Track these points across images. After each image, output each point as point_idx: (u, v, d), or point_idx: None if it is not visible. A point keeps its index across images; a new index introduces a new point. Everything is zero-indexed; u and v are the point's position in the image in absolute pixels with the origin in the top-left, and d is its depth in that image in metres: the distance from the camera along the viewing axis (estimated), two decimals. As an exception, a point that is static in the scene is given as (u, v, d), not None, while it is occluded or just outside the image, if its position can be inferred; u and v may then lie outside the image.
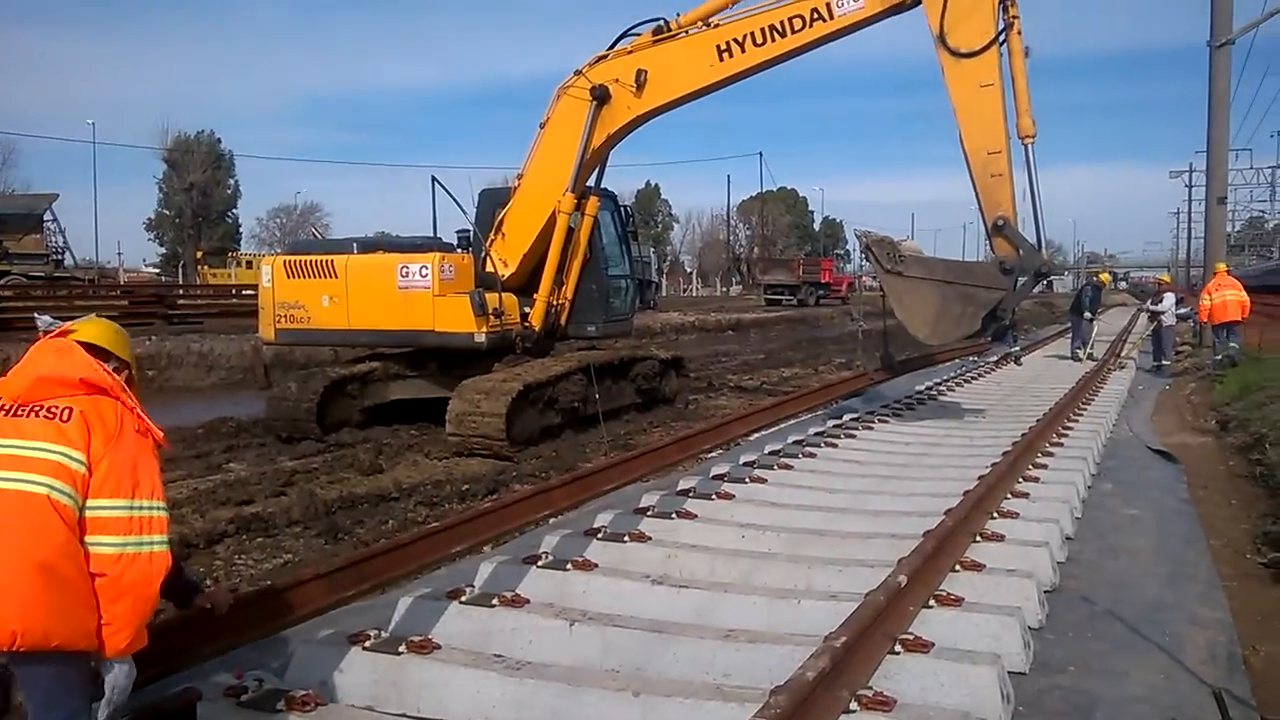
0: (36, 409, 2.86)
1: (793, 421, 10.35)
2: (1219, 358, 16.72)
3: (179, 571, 3.75)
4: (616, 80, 11.71)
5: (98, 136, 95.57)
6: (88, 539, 2.79)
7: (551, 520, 6.52)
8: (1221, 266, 19.39)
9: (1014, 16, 10.02)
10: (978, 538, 5.83)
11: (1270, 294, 36.75)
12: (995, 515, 6.40)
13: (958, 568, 5.22)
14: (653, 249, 64.31)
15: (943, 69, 10.23)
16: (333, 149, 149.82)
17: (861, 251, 11.98)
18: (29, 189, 51.95)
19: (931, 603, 4.64)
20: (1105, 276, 24.06)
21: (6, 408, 2.90)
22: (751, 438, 9.86)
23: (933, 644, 4.10)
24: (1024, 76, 10.08)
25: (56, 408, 2.87)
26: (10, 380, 2.96)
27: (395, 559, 5.17)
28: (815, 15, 10.72)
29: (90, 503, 2.81)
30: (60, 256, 38.27)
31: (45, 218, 36.74)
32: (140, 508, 2.85)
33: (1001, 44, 10.02)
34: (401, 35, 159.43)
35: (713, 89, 11.62)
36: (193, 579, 3.87)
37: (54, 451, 2.80)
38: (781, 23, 10.85)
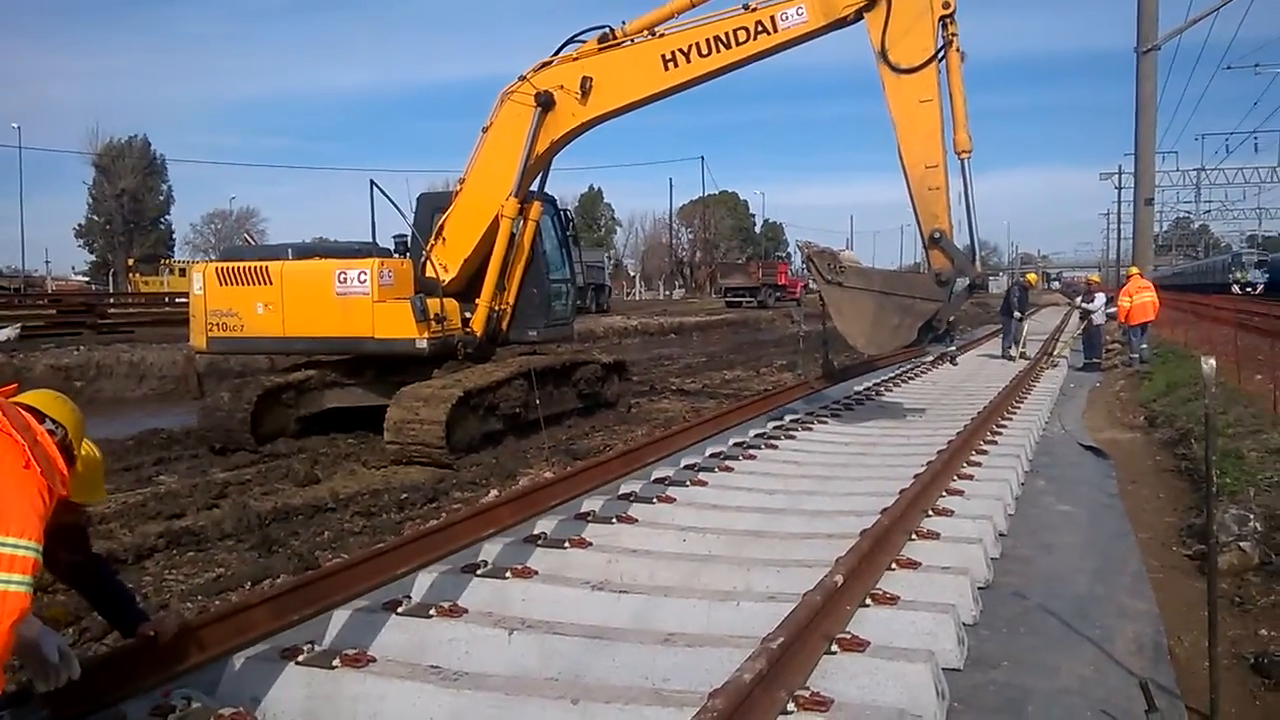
0: None
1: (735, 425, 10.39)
2: (1135, 355, 17.96)
3: (125, 600, 3.64)
4: (561, 87, 11.68)
5: (24, 141, 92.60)
6: None
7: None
8: (1135, 270, 20.15)
9: (953, 34, 10.20)
10: (913, 536, 5.90)
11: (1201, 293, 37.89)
12: (931, 513, 6.49)
13: (894, 566, 5.28)
14: (608, 253, 65.02)
15: (883, 84, 10.39)
16: (267, 153, 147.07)
17: (803, 262, 12.10)
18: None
19: (868, 601, 4.68)
20: (1033, 277, 24.69)
21: None
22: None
23: (869, 642, 4.14)
24: (961, 93, 10.28)
25: None
26: None
27: (338, 582, 4.79)
28: (760, 28, 10.82)
29: None
30: (-17, 265, 37.08)
31: (-33, 225, 35.60)
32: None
33: (941, 60, 10.22)
34: (333, 40, 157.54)
35: (658, 97, 11.65)
36: (139, 609, 3.72)
37: None
38: (727, 34, 10.92)
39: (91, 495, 3.20)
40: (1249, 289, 46.04)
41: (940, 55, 10.19)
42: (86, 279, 66.84)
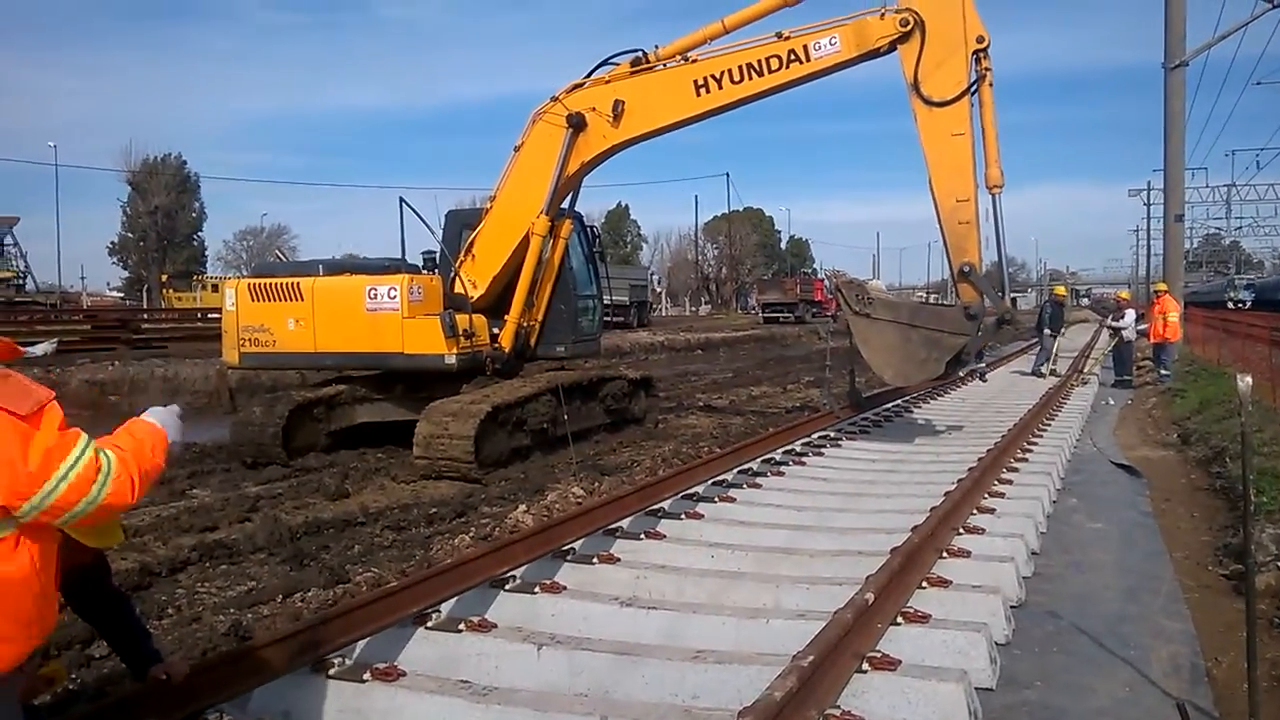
0: None
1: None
2: (1167, 374, 17.93)
3: (141, 639, 3.46)
4: (593, 109, 11.76)
5: (60, 159, 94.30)
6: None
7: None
8: (1164, 287, 19.99)
9: (986, 69, 10.21)
10: (944, 554, 5.86)
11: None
12: (961, 531, 6.44)
13: (924, 584, 5.25)
14: (653, 271, 66.19)
15: (915, 116, 10.42)
16: (297, 171, 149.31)
17: (831, 291, 12.11)
18: (-12, 213, 51.02)
19: (899, 620, 4.65)
20: (1061, 290, 24.43)
21: None
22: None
23: (900, 661, 4.12)
24: (994, 128, 10.28)
25: None
26: None
27: (376, 610, 4.70)
28: (793, 57, 10.87)
29: None
30: (21, 281, 37.78)
31: (5, 241, 36.23)
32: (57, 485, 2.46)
33: (973, 94, 10.23)
34: (359, 58, 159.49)
35: (689, 122, 11.71)
36: (154, 649, 3.64)
37: None
38: (759, 62, 10.98)
39: (109, 540, 3.08)
40: (1240, 304, 55.86)
41: (973, 89, 10.21)
42: (121, 295, 67.82)
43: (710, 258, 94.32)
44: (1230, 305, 53.74)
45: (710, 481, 8.19)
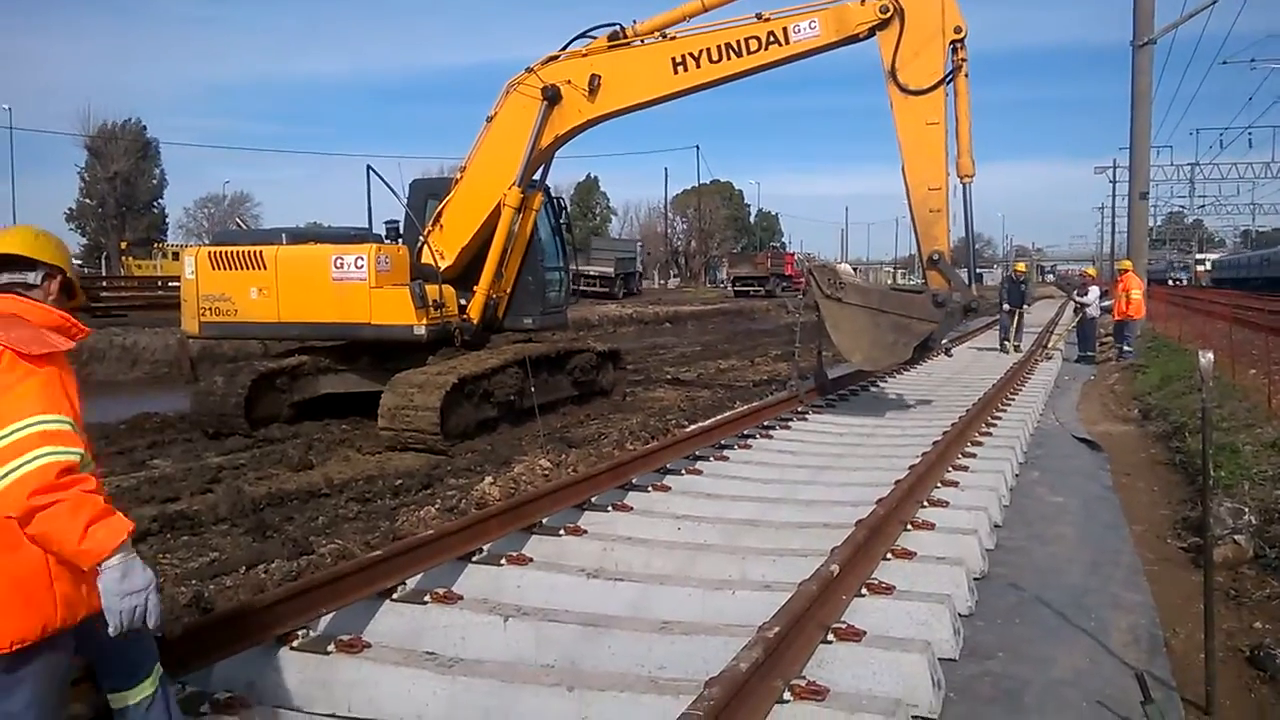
0: None
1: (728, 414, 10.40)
2: (1129, 350, 18.18)
3: None
4: (569, 82, 11.65)
5: (14, 123, 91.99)
6: None
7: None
8: (1128, 265, 20.21)
9: (963, 59, 10.31)
10: (909, 526, 5.90)
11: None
12: (926, 504, 6.49)
13: (889, 556, 5.29)
14: (640, 242, 66.60)
15: (891, 103, 10.49)
16: (259, 138, 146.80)
17: (803, 276, 12.12)
18: (-60, 177, 49.76)
19: (864, 591, 4.67)
20: (1021, 266, 24.62)
21: None
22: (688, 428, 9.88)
23: (865, 632, 4.14)
24: (968, 118, 10.38)
25: None
26: None
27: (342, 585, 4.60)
28: (771, 38, 10.86)
29: None
30: (-26, 247, 36.93)
31: (-42, 207, 35.36)
32: (11, 432, 2.49)
33: (949, 83, 10.27)
34: (323, 23, 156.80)
35: (665, 99, 11.63)
36: None
37: None
38: (738, 42, 10.95)
39: None
40: (1177, 282, 66.98)
41: (949, 79, 10.27)
42: (79, 263, 66.43)
43: (680, 231, 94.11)
44: (1170, 283, 59.41)
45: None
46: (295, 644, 4.15)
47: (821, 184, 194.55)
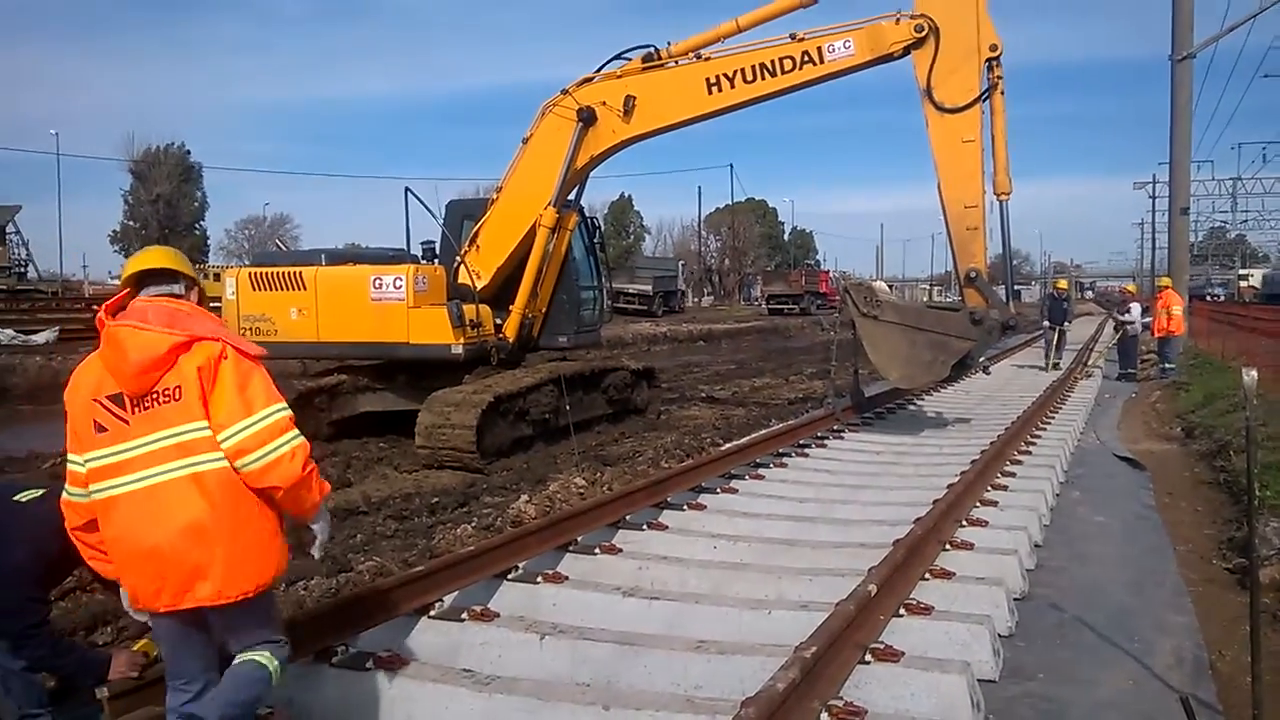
0: (154, 398, 3.06)
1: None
2: (1171, 367, 17.93)
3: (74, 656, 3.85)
4: (604, 103, 11.76)
5: (62, 148, 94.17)
6: (236, 464, 3.05)
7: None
8: (1168, 281, 19.93)
9: (998, 77, 10.29)
10: (947, 546, 5.85)
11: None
12: (964, 523, 6.43)
13: (927, 576, 5.24)
14: (682, 261, 67.43)
15: (927, 121, 10.50)
16: (299, 161, 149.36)
17: (839, 295, 12.12)
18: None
19: (901, 611, 4.64)
20: (1063, 284, 24.32)
21: (133, 401, 3.06)
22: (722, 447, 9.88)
23: (903, 653, 4.10)
24: (1004, 136, 10.34)
25: (168, 389, 3.05)
26: (118, 377, 3.09)
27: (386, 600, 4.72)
28: (806, 58, 10.90)
29: (222, 436, 3.04)
30: (23, 269, 37.80)
31: (8, 230, 36.20)
32: (261, 419, 3.08)
33: (985, 101, 10.26)
34: (362, 49, 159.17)
35: (700, 119, 11.71)
36: (93, 656, 3.95)
37: (184, 432, 3.04)
38: (773, 62, 11.01)
39: None
40: (1215, 298, 65.70)
41: (985, 96, 10.25)
42: (118, 283, 67.57)
43: (713, 249, 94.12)
44: (1207, 299, 58.91)
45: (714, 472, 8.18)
46: (335, 660, 4.19)
47: (856, 201, 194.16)
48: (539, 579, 5.36)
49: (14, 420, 17.17)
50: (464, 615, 4.77)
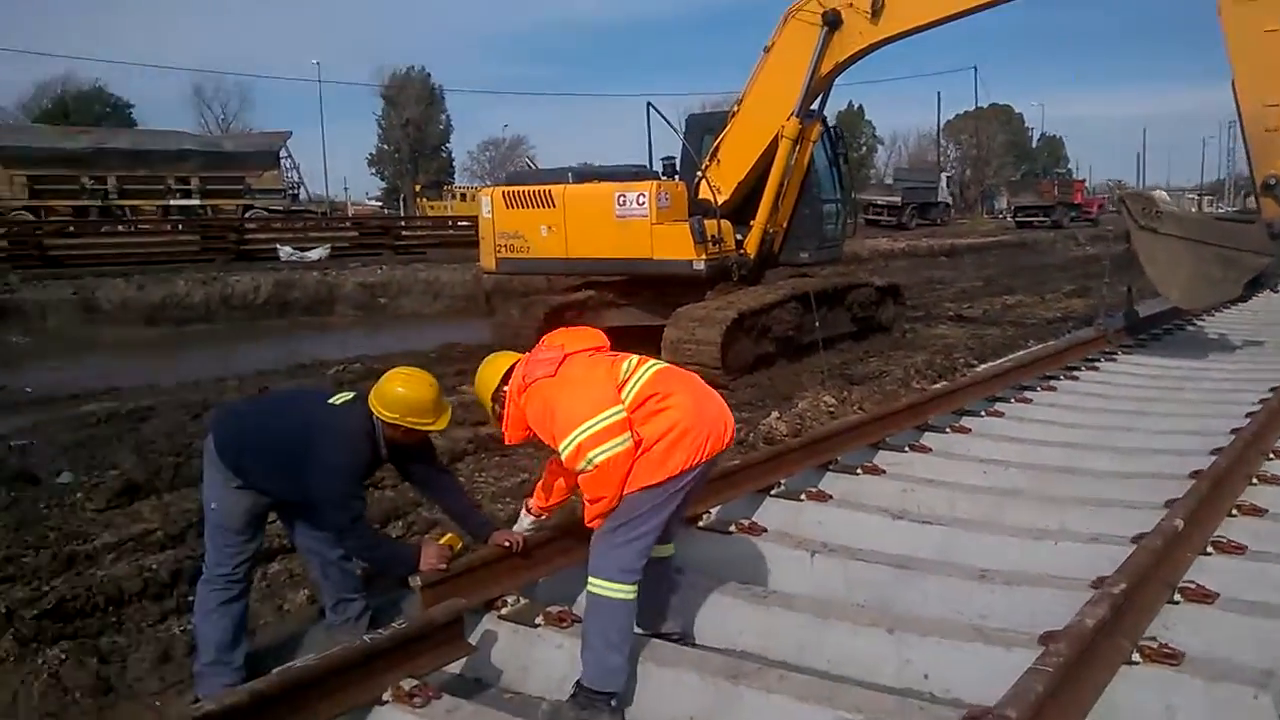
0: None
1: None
2: None
3: (469, 510, 4.38)
4: (850, 5, 11.24)
5: (323, 76, 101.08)
6: None
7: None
8: None
9: None
10: (1254, 480, 5.32)
11: None
12: (1272, 456, 5.82)
13: (1235, 512, 4.78)
14: (945, 174, 64.64)
15: (1219, 9, 9.35)
16: (532, 82, 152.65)
17: (1114, 205, 11.15)
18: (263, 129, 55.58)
19: (1209, 550, 4.26)
20: None
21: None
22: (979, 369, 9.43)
23: (1217, 594, 3.77)
24: None
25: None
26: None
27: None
28: None
29: None
30: (296, 191, 41.13)
31: (280, 155, 39.38)
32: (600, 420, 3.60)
33: None
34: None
35: (953, 18, 11.00)
36: (484, 518, 4.45)
37: None
38: None
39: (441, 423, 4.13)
40: None
41: None
42: (380, 204, 72.60)
43: (953, 159, 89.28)
44: None
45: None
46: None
47: (1114, 104, 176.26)
48: (802, 496, 5.32)
49: (298, 329, 18.91)
50: (731, 528, 4.81)
